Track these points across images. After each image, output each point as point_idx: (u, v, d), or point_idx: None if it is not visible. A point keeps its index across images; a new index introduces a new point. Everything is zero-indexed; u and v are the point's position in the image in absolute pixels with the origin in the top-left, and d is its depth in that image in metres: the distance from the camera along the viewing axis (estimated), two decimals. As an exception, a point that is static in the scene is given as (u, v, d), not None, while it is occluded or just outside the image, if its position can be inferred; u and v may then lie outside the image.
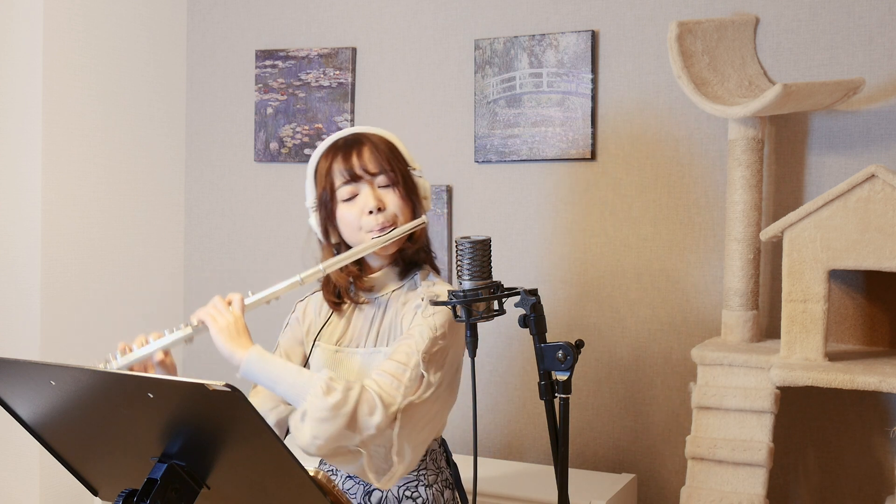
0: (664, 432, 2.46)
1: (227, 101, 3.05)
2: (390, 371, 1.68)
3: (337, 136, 1.85)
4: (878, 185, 1.92)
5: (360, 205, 1.78)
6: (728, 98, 2.18)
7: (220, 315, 1.69)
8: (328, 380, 1.62)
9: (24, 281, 2.66)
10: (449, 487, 1.86)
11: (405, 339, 1.73)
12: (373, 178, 1.79)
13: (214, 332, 1.67)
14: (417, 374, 1.68)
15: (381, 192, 1.79)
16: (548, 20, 2.57)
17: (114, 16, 2.86)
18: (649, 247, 2.47)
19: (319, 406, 1.59)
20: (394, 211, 1.79)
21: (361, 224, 1.78)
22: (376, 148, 1.80)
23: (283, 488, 1.23)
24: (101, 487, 1.40)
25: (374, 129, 1.86)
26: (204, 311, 1.71)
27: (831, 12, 2.26)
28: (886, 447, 2.24)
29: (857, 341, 2.20)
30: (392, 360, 1.70)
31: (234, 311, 1.71)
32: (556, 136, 2.54)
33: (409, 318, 1.78)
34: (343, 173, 1.78)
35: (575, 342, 1.45)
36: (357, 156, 1.79)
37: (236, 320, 1.70)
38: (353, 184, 1.78)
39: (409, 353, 1.69)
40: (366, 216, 1.77)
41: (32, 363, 1.23)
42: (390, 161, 1.80)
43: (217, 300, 1.72)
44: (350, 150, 1.80)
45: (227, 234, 3.06)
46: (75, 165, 2.75)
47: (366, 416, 1.62)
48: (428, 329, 1.71)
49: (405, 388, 1.66)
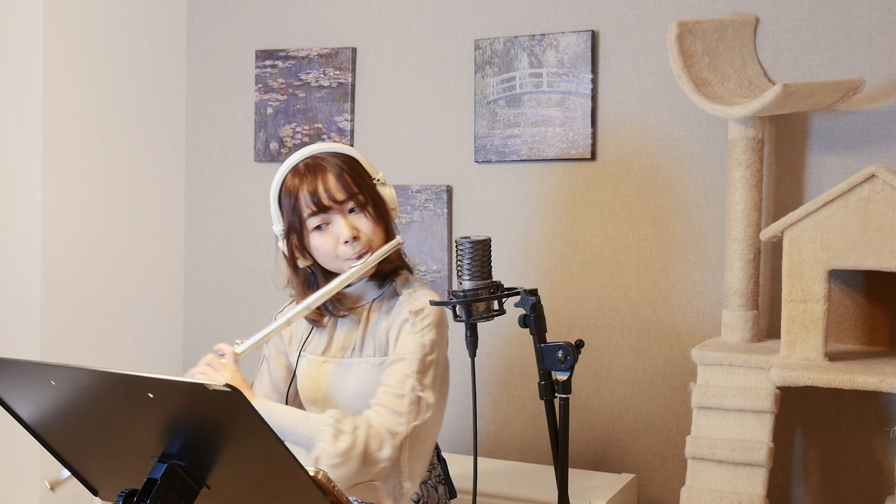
0: (664, 432, 2.46)
1: (227, 101, 3.05)
2: (388, 402, 1.70)
3: (295, 158, 1.81)
4: (878, 185, 1.92)
5: (334, 234, 1.77)
6: (728, 98, 2.18)
7: (217, 375, 1.70)
8: (335, 423, 1.65)
9: (24, 281, 2.66)
10: (441, 483, 1.89)
11: (397, 363, 1.74)
12: (341, 205, 1.77)
13: None
14: (415, 398, 1.70)
15: (353, 219, 1.78)
16: (548, 20, 2.57)
17: (114, 16, 2.86)
18: (649, 247, 2.47)
19: (331, 452, 1.63)
20: (368, 236, 1.78)
21: (338, 253, 1.78)
22: (341, 171, 1.77)
23: (283, 488, 1.23)
24: (101, 487, 1.40)
25: (330, 147, 1.82)
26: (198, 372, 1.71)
27: (831, 12, 2.26)
28: (886, 447, 2.24)
29: (857, 341, 2.20)
30: (388, 389, 1.71)
31: (228, 367, 1.71)
32: (556, 136, 2.54)
33: (395, 333, 1.78)
34: (310, 205, 1.76)
35: (575, 342, 1.45)
36: (322, 184, 1.76)
37: (233, 375, 1.71)
38: (322, 214, 1.77)
39: (404, 378, 1.71)
40: (341, 245, 1.77)
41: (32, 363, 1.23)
42: (357, 184, 1.78)
43: (211, 359, 1.73)
44: (315, 177, 1.77)
45: (227, 234, 3.06)
46: (75, 165, 2.75)
47: (377, 451, 1.65)
48: (419, 347, 1.73)
49: (407, 416, 1.69)
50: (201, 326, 3.07)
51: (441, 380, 1.79)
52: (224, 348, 1.75)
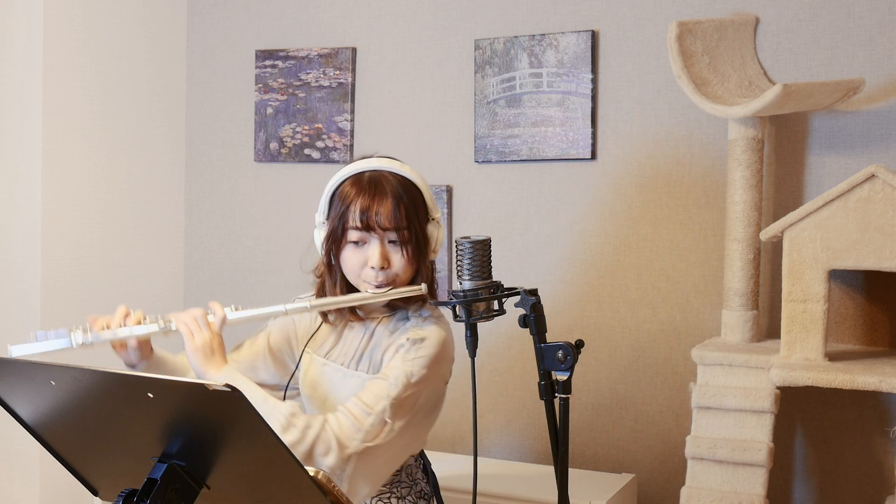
0: (664, 432, 2.46)
1: (227, 101, 3.05)
2: (354, 413, 1.68)
3: (365, 165, 1.79)
4: (878, 185, 1.92)
5: (366, 255, 1.75)
6: (728, 98, 2.18)
7: (198, 332, 1.70)
8: (289, 416, 1.64)
9: (24, 281, 2.66)
10: (424, 498, 1.85)
11: (379, 380, 1.72)
12: (385, 232, 1.75)
13: (189, 350, 1.70)
14: (381, 420, 1.68)
15: (389, 249, 1.76)
16: (548, 20, 2.57)
17: (114, 16, 2.86)
18: (649, 247, 2.47)
19: None
20: (396, 271, 1.76)
21: (361, 274, 1.77)
22: (399, 201, 1.74)
23: (283, 488, 1.23)
24: (101, 487, 1.40)
25: (401, 169, 1.79)
26: (183, 321, 1.71)
27: (831, 12, 2.26)
28: (886, 447, 2.24)
29: (857, 341, 2.20)
30: (360, 401, 1.70)
31: (212, 328, 1.72)
32: (556, 136, 2.54)
33: (391, 354, 1.77)
34: (357, 219, 1.74)
35: (575, 342, 1.45)
36: (377, 205, 1.73)
37: (213, 338, 1.71)
38: (365, 232, 1.75)
39: (379, 397, 1.69)
40: (368, 269, 1.75)
41: (32, 363, 1.23)
42: (408, 218, 1.75)
43: (198, 314, 1.72)
44: (373, 196, 1.74)
45: (227, 234, 3.06)
46: (75, 165, 2.75)
47: (320, 455, 1.63)
48: (404, 375, 1.70)
49: (364, 434, 1.66)
50: (201, 326, 3.06)
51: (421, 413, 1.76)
52: (216, 309, 1.74)
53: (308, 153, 2.88)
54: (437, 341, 1.75)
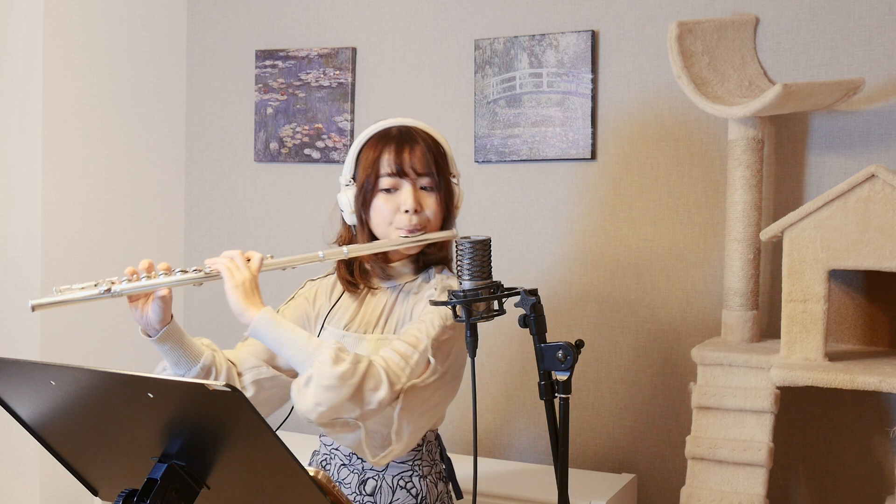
0: (664, 432, 2.46)
1: (227, 101, 3.05)
2: (399, 351, 1.69)
3: (388, 123, 1.84)
4: (878, 185, 1.92)
5: (398, 201, 1.78)
6: (728, 98, 2.18)
7: (237, 270, 1.67)
8: (338, 349, 1.63)
9: (24, 281, 2.66)
10: (442, 480, 1.88)
11: (416, 324, 1.74)
12: (418, 177, 1.79)
13: (229, 287, 1.65)
14: (425, 358, 1.69)
15: (422, 194, 1.80)
16: (548, 20, 2.57)
17: (114, 16, 2.86)
18: (649, 247, 2.47)
19: (327, 374, 1.59)
20: (429, 216, 1.80)
21: (394, 220, 1.79)
22: (429, 149, 1.80)
23: (283, 488, 1.23)
24: (101, 487, 1.40)
25: (426, 127, 1.85)
26: (221, 262, 1.68)
27: (831, 12, 2.26)
28: (886, 447, 2.24)
29: (857, 341, 2.20)
30: (402, 341, 1.71)
31: (251, 269, 1.69)
32: (556, 136, 2.54)
33: (421, 307, 1.79)
34: (391, 165, 1.78)
35: (575, 342, 1.45)
36: (409, 152, 1.78)
37: (252, 278, 1.68)
38: (397, 178, 1.78)
39: (420, 337, 1.70)
40: (401, 214, 1.78)
41: (32, 363, 1.23)
42: (438, 164, 1.81)
43: (236, 254, 1.69)
44: (403, 144, 1.79)
45: (227, 234, 3.06)
46: (75, 165, 2.75)
47: (371, 390, 1.62)
48: (439, 317, 1.72)
49: (411, 370, 1.67)
50: (201, 326, 3.06)
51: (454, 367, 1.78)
52: (253, 254, 1.72)
53: (308, 153, 2.88)
54: None
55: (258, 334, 1.66)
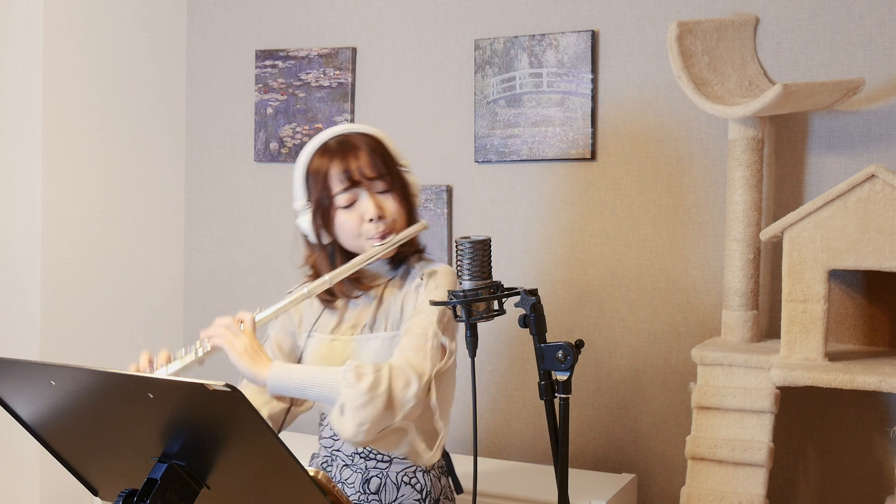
0: (664, 432, 2.46)
1: (227, 101, 3.05)
2: (413, 345, 1.71)
3: (325, 136, 1.83)
4: (878, 185, 1.92)
5: (360, 212, 1.79)
6: (728, 98, 2.18)
7: (236, 339, 1.69)
8: (356, 367, 1.65)
9: (24, 281, 2.66)
10: (444, 474, 1.90)
11: (415, 317, 1.76)
12: (371, 182, 1.79)
13: (234, 357, 1.68)
14: (438, 343, 1.72)
15: (380, 199, 1.80)
16: (548, 20, 2.57)
17: (114, 16, 2.86)
18: (649, 247, 2.47)
19: (355, 394, 1.62)
20: (393, 217, 1.80)
21: (361, 231, 1.79)
22: (372, 151, 1.80)
23: (283, 488, 1.23)
24: (101, 487, 1.40)
25: (360, 128, 1.85)
26: (217, 334, 1.70)
27: (831, 12, 2.26)
28: (886, 447, 2.24)
29: (857, 341, 2.20)
30: (410, 336, 1.73)
31: (247, 331, 1.71)
32: (556, 136, 2.54)
33: (412, 300, 1.81)
34: (341, 179, 1.77)
35: (575, 342, 1.45)
36: (354, 159, 1.78)
37: (251, 340, 1.70)
38: (352, 190, 1.78)
39: (425, 326, 1.73)
40: (366, 224, 1.78)
41: (32, 363, 1.23)
42: (387, 164, 1.81)
43: (229, 322, 1.71)
44: (346, 153, 1.79)
45: (227, 234, 3.06)
46: (75, 165, 2.75)
47: (402, 389, 1.65)
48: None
49: (431, 358, 1.70)
50: (201, 326, 3.05)
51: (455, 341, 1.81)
52: (244, 315, 1.73)
53: (308, 153, 2.88)
54: (449, 271, 1.82)
55: (278, 390, 1.69)
